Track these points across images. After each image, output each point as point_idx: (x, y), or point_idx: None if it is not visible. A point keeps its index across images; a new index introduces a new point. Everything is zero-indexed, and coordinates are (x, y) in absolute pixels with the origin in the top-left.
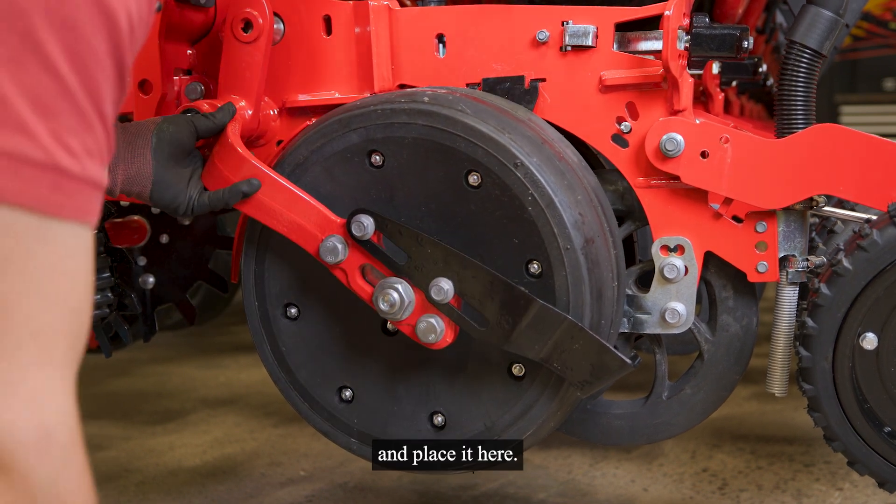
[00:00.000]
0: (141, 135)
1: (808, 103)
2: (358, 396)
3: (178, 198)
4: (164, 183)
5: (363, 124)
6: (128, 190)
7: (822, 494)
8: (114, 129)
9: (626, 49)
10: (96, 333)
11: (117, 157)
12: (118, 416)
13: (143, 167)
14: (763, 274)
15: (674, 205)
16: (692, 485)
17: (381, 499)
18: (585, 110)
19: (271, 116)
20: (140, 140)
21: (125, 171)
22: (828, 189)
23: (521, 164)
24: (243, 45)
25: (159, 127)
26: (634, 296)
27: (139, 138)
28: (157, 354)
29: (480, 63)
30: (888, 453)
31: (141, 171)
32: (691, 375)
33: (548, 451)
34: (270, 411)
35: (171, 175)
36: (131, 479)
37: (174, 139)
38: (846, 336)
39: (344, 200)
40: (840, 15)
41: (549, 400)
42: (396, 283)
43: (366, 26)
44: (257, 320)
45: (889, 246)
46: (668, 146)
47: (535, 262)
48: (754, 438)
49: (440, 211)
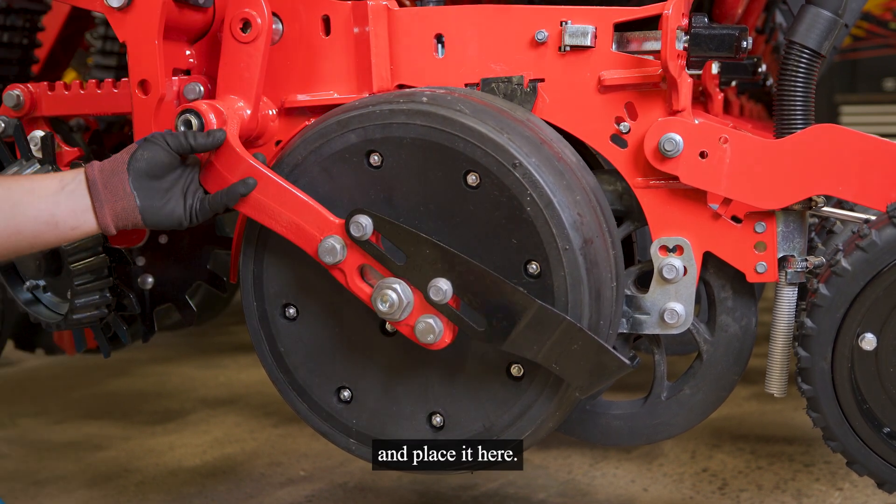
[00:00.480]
0: (116, 172)
1: (807, 103)
2: (357, 397)
3: (174, 214)
4: (153, 208)
5: (362, 124)
6: (122, 225)
7: (822, 494)
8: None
9: (625, 49)
10: (95, 334)
11: (100, 199)
12: (118, 416)
13: (127, 202)
14: (762, 274)
15: (673, 205)
16: (692, 485)
17: (381, 499)
18: (584, 110)
19: (270, 116)
20: (116, 178)
21: (112, 210)
22: (827, 189)
23: (520, 164)
24: (242, 45)
25: (133, 157)
26: (633, 296)
27: (115, 176)
28: (156, 354)
29: (479, 63)
30: (887, 454)
31: (126, 206)
32: (690, 376)
33: (548, 451)
34: (270, 411)
35: (158, 198)
36: (131, 479)
37: (151, 164)
38: (845, 336)
39: (342, 201)
40: (839, 15)
41: (547, 400)
42: (395, 283)
43: (364, 26)
44: (256, 321)
45: (888, 246)
46: (667, 146)
47: (533, 263)
48: (754, 438)
49: (439, 211)
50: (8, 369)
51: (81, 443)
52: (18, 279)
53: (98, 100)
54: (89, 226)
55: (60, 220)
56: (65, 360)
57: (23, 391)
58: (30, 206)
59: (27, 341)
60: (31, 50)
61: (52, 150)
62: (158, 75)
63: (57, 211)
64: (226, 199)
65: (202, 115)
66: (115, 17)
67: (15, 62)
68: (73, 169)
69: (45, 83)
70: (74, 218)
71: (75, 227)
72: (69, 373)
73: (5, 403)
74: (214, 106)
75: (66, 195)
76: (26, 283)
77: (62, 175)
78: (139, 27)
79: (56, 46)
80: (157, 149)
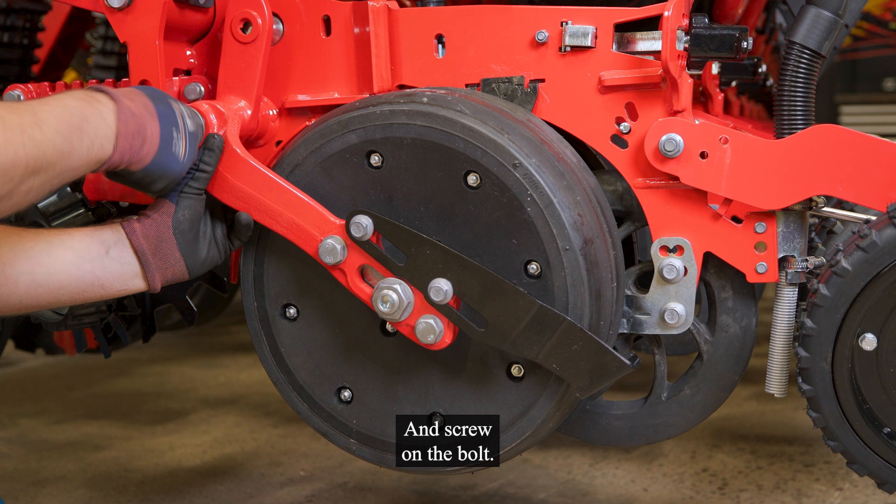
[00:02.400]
0: (163, 239)
1: (807, 104)
2: (357, 397)
3: (212, 260)
4: (197, 262)
5: (362, 125)
6: (170, 283)
7: (822, 494)
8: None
9: (626, 49)
10: (95, 334)
11: (150, 265)
12: (118, 416)
13: (178, 267)
14: (762, 274)
15: (673, 205)
16: (692, 485)
17: (381, 499)
18: (584, 111)
19: (271, 117)
20: (164, 245)
21: (162, 276)
22: (827, 190)
23: (520, 164)
24: (242, 45)
25: (176, 221)
26: (634, 296)
27: (162, 243)
28: (156, 354)
29: (479, 63)
30: (887, 454)
31: (177, 271)
32: (690, 376)
33: (548, 451)
34: (270, 411)
35: (200, 251)
36: (131, 479)
37: (192, 222)
38: (845, 337)
39: (343, 201)
40: (839, 15)
41: (548, 401)
42: (395, 283)
43: (365, 27)
44: (256, 321)
45: (888, 247)
46: (668, 147)
47: (533, 263)
48: (754, 438)
49: (439, 212)
50: (8, 369)
51: (81, 443)
52: None
53: None
54: (138, 288)
55: (106, 283)
56: (65, 360)
57: (23, 391)
58: (74, 265)
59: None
60: (32, 50)
61: None
62: (159, 75)
63: (103, 276)
64: (241, 238)
65: (203, 116)
66: (116, 17)
67: (15, 62)
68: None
69: (45, 83)
70: (122, 283)
71: (122, 290)
72: (69, 373)
73: (5, 403)
74: (215, 106)
75: (112, 261)
76: None
77: (100, 235)
78: (140, 27)
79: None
80: (193, 202)
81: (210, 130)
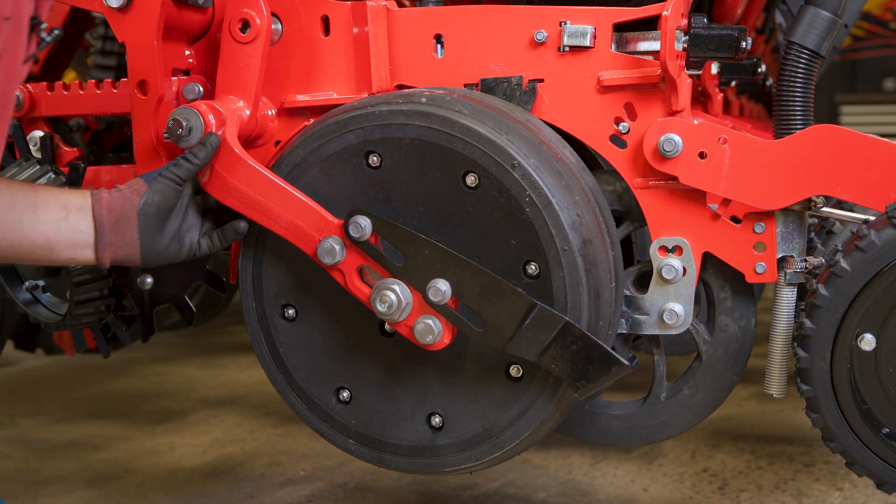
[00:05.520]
0: (125, 216)
1: (806, 104)
2: (356, 397)
3: (171, 255)
4: (153, 253)
5: (361, 125)
6: (118, 263)
7: (822, 494)
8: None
9: (625, 49)
10: (95, 334)
11: (104, 238)
12: (118, 416)
13: (130, 249)
14: (761, 275)
15: (672, 205)
16: (692, 485)
17: (381, 499)
18: (583, 111)
19: (269, 117)
20: (124, 223)
21: (112, 254)
22: (826, 190)
23: (519, 164)
24: (241, 45)
25: (144, 202)
26: (633, 296)
27: (123, 220)
28: (156, 354)
29: (478, 63)
30: (886, 454)
31: (128, 252)
32: (689, 376)
33: (548, 451)
34: (270, 411)
35: (160, 242)
36: (131, 479)
37: (161, 209)
38: (844, 337)
39: (341, 201)
40: (838, 15)
41: (546, 401)
42: (394, 284)
43: (364, 27)
44: (255, 321)
45: (887, 247)
46: (667, 147)
47: (532, 264)
48: (754, 438)
49: (438, 212)
50: (8, 369)
51: (81, 443)
52: (18, 279)
53: (97, 100)
54: (85, 259)
55: (57, 248)
56: (65, 360)
57: (23, 391)
58: (29, 225)
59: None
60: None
61: (52, 150)
62: (157, 75)
63: (55, 238)
64: (224, 240)
65: (201, 116)
66: (115, 17)
67: None
68: (78, 191)
69: (44, 83)
70: (72, 250)
71: (71, 258)
72: (69, 373)
73: (5, 403)
74: (213, 106)
75: (68, 225)
76: (25, 283)
77: (66, 198)
78: (138, 27)
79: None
80: (168, 189)
81: (209, 130)
